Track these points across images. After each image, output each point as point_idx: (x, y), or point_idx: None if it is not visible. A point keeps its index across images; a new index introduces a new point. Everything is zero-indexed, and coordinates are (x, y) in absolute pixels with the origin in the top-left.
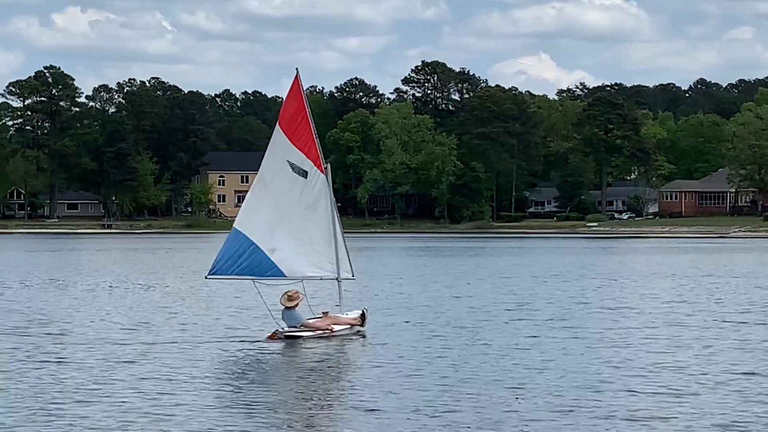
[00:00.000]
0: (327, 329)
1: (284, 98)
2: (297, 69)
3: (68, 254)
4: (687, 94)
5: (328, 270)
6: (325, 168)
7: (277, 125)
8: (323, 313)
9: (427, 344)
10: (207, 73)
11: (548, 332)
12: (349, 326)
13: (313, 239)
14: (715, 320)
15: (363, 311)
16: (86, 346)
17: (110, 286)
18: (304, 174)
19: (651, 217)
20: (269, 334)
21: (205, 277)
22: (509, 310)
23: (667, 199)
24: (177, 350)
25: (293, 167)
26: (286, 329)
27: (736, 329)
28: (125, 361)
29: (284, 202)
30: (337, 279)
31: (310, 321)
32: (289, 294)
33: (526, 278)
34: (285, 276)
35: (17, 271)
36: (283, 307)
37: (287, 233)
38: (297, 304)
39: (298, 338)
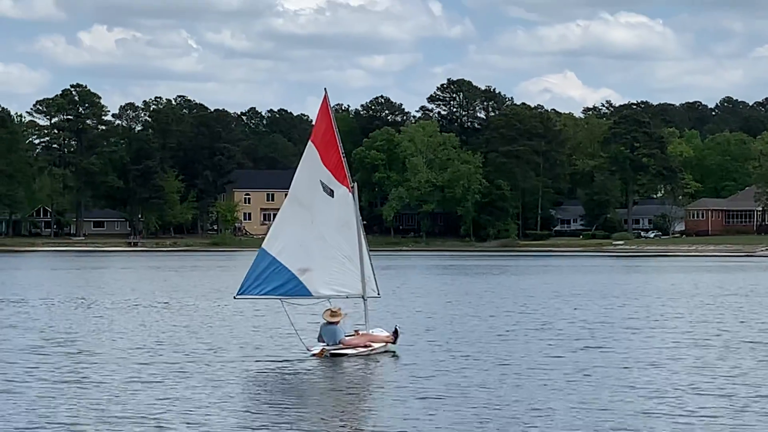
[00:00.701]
0: (366, 346)
1: (315, 117)
2: (325, 89)
3: (90, 272)
4: (713, 112)
5: (355, 288)
6: (352, 186)
7: (310, 142)
8: (355, 331)
9: (452, 364)
10: (232, 91)
11: (571, 353)
12: (383, 344)
13: (346, 258)
14: (740, 341)
15: (396, 329)
16: (107, 365)
17: (132, 305)
18: (331, 193)
19: (677, 235)
20: (317, 352)
21: (234, 297)
22: (532, 329)
23: (693, 217)
24: (201, 370)
25: (324, 187)
26: (331, 347)
27: (758, 350)
28: (149, 382)
29: (319, 222)
30: (362, 297)
31: (348, 339)
32: (332, 310)
33: (550, 297)
34: (311, 295)
35: (39, 288)
36: (324, 322)
37: (321, 252)
38: (339, 321)
39: (343, 356)
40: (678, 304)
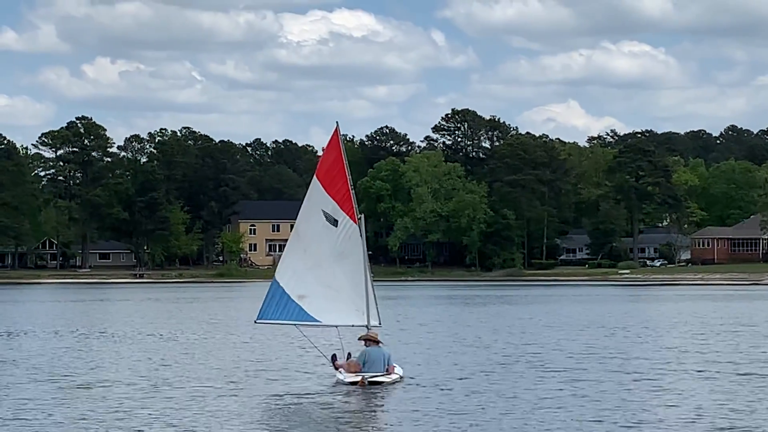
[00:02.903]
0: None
1: (323, 149)
2: (337, 122)
3: (92, 305)
4: (718, 141)
5: (355, 318)
6: (359, 218)
7: (315, 176)
8: (348, 354)
9: (448, 397)
10: (236, 122)
11: (564, 384)
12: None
13: (342, 287)
14: (741, 374)
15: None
16: (103, 400)
17: (130, 335)
18: (335, 223)
19: (683, 264)
20: (359, 381)
21: (255, 322)
22: (528, 361)
23: (699, 245)
24: (207, 401)
25: (327, 216)
26: (370, 375)
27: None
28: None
29: (314, 251)
30: (366, 326)
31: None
32: (370, 335)
33: (551, 328)
34: (320, 322)
35: (34, 321)
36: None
37: (316, 280)
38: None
39: (380, 383)
40: (680, 335)
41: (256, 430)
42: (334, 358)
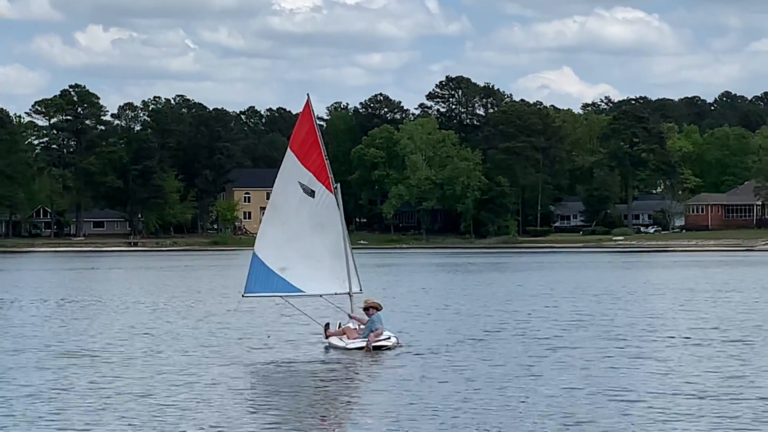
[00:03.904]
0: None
1: (296, 122)
2: (308, 94)
3: (84, 273)
4: (712, 107)
5: (337, 286)
6: (335, 188)
7: (288, 149)
8: (326, 324)
9: (435, 365)
10: (230, 90)
11: (550, 352)
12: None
13: (322, 257)
14: (730, 340)
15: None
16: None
17: (116, 305)
18: (312, 193)
19: (677, 230)
20: (365, 347)
21: (242, 296)
22: (515, 329)
23: (693, 212)
24: (189, 372)
25: (303, 188)
26: (375, 341)
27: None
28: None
29: (293, 223)
30: (349, 294)
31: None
32: (370, 301)
33: (540, 295)
34: (304, 292)
35: (23, 290)
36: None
37: (296, 252)
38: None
39: (385, 348)
40: (678, 301)
41: (244, 399)
42: (327, 327)
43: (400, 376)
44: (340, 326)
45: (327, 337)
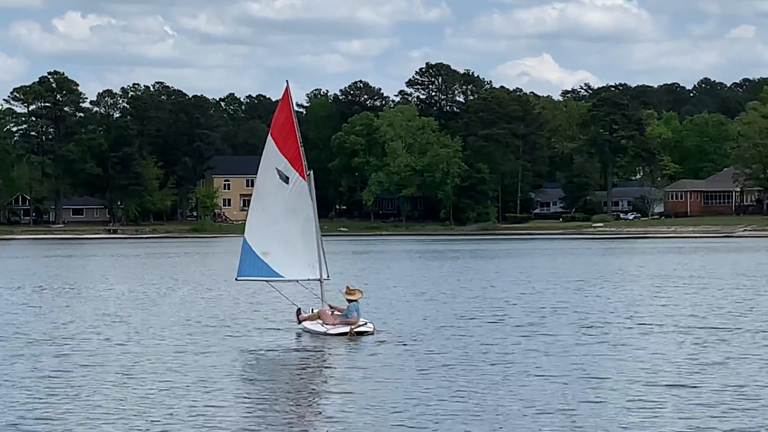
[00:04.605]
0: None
1: (276, 109)
2: (287, 81)
3: (62, 260)
4: (691, 94)
5: (309, 272)
6: (308, 175)
7: (269, 135)
8: (298, 309)
9: (409, 351)
10: (210, 76)
11: (525, 339)
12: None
13: (296, 242)
14: (707, 327)
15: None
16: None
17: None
18: (287, 180)
19: (656, 217)
20: (348, 332)
21: (236, 279)
22: (492, 316)
23: (672, 198)
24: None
25: (280, 174)
26: (357, 327)
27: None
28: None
29: (271, 208)
30: (320, 280)
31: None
32: (349, 288)
33: (518, 282)
34: (282, 277)
35: (5, 277)
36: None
37: (274, 237)
38: (358, 298)
39: (366, 333)
40: (654, 288)
41: (219, 387)
42: (299, 312)
43: (377, 363)
44: (312, 311)
45: (300, 323)
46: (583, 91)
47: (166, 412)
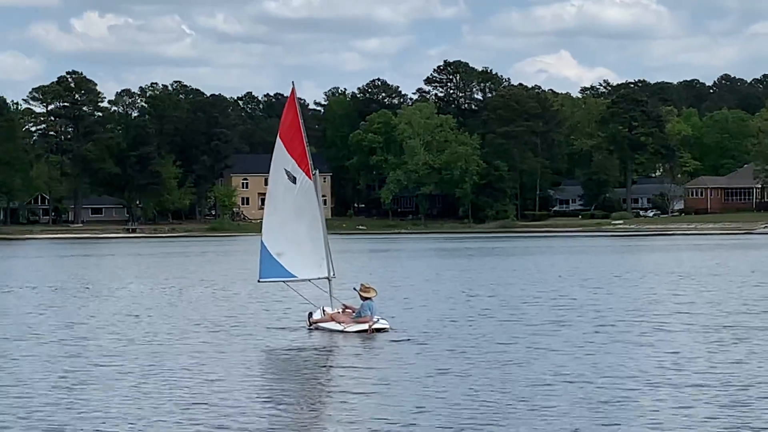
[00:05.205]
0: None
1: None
2: (293, 82)
3: (78, 260)
4: (711, 90)
5: (317, 271)
6: (314, 174)
7: (278, 137)
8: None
9: (425, 349)
10: (227, 75)
11: (542, 337)
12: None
13: (304, 242)
14: (726, 325)
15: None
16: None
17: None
18: (294, 180)
19: (676, 213)
20: (368, 329)
21: (258, 281)
22: (508, 314)
23: (692, 195)
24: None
25: (288, 174)
26: (375, 324)
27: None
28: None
29: (281, 209)
30: (328, 278)
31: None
32: (364, 286)
33: (537, 280)
34: (296, 277)
35: (16, 277)
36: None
37: (285, 237)
38: (372, 296)
39: (383, 330)
40: (675, 285)
41: (235, 385)
42: (310, 315)
43: (392, 362)
44: (325, 312)
45: (310, 325)
46: (601, 87)
47: (180, 410)
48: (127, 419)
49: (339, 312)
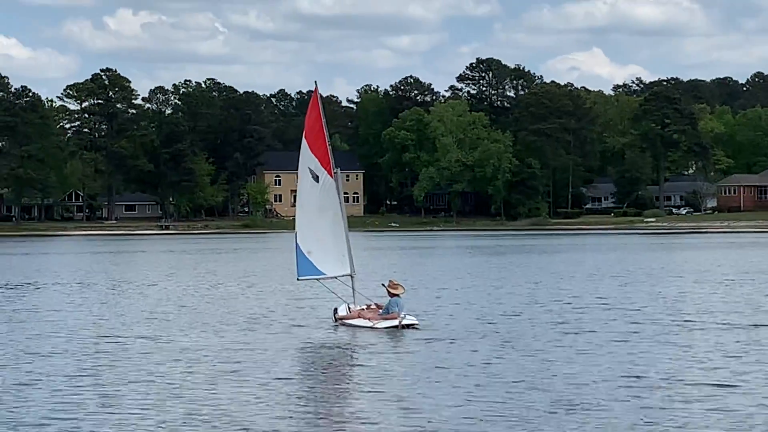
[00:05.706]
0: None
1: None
2: (315, 82)
3: (111, 256)
4: (744, 88)
5: (340, 268)
6: (335, 173)
7: (303, 137)
8: (367, 305)
9: (455, 347)
10: (259, 73)
11: (575, 337)
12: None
13: (327, 239)
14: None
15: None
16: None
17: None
18: (317, 179)
19: (709, 211)
20: (398, 325)
21: (297, 279)
22: (539, 312)
23: (725, 193)
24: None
25: (312, 173)
26: (404, 321)
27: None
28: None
29: (307, 207)
30: (351, 275)
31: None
32: (393, 283)
33: (567, 278)
34: (325, 274)
35: (50, 273)
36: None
37: (313, 235)
38: (401, 293)
39: (412, 327)
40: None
41: (263, 381)
42: (335, 311)
43: (420, 360)
44: (350, 310)
45: (336, 321)
46: (634, 85)
47: (202, 406)
48: (154, 415)
49: (364, 309)
